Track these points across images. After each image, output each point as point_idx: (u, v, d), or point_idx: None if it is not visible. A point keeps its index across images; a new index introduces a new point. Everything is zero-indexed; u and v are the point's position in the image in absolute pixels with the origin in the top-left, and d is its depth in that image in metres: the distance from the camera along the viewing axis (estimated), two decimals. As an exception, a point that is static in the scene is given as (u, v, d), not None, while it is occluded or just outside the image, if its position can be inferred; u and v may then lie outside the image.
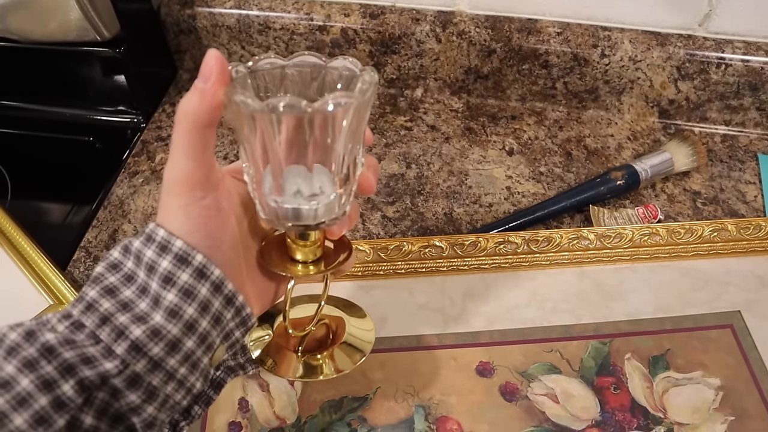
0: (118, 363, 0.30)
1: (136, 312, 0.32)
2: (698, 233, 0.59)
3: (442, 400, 0.50)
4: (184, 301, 0.32)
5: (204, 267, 0.33)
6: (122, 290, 0.33)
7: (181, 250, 0.32)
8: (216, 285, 0.33)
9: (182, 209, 0.33)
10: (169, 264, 0.32)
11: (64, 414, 0.29)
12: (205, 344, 0.33)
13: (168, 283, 0.32)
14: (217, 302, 0.34)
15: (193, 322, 0.32)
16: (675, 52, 0.69)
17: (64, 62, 0.73)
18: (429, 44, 0.72)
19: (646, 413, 0.49)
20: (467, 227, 0.63)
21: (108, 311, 0.31)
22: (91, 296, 0.32)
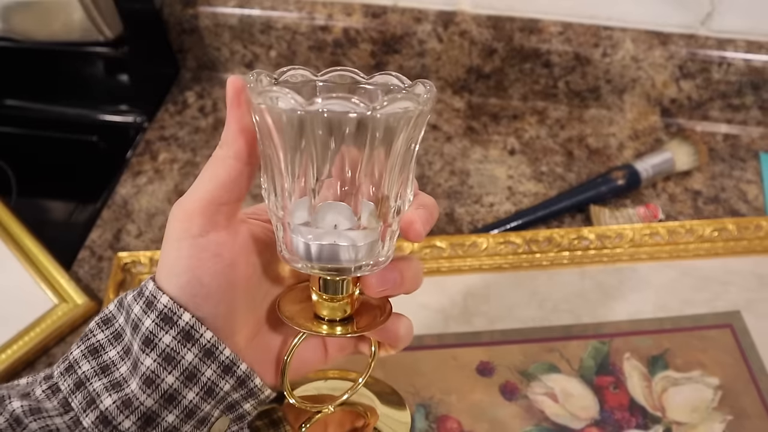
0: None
1: (115, 377, 0.29)
2: (699, 233, 0.59)
3: (443, 399, 0.50)
4: (163, 368, 0.28)
5: (192, 328, 0.28)
6: (107, 350, 0.29)
7: (165, 308, 0.28)
8: (207, 350, 0.29)
9: (174, 243, 0.29)
10: (152, 323, 0.28)
11: None
12: (195, 419, 0.29)
13: (148, 345, 0.28)
14: (208, 370, 0.29)
15: (173, 393, 0.28)
16: (677, 51, 0.69)
17: (67, 62, 0.73)
18: (431, 44, 0.72)
19: (645, 412, 0.49)
20: (468, 227, 0.63)
21: (85, 375, 0.29)
22: (74, 356, 0.29)
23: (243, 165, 0.29)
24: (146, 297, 0.29)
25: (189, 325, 0.28)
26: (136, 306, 0.29)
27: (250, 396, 0.31)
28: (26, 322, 0.55)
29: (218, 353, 0.29)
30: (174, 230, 0.29)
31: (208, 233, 0.29)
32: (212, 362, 0.29)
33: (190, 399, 0.29)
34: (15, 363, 0.53)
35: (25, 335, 0.55)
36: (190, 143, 0.72)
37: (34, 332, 0.55)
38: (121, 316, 0.30)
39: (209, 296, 0.29)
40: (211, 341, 0.29)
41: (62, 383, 0.29)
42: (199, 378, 0.29)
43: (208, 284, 0.29)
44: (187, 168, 0.69)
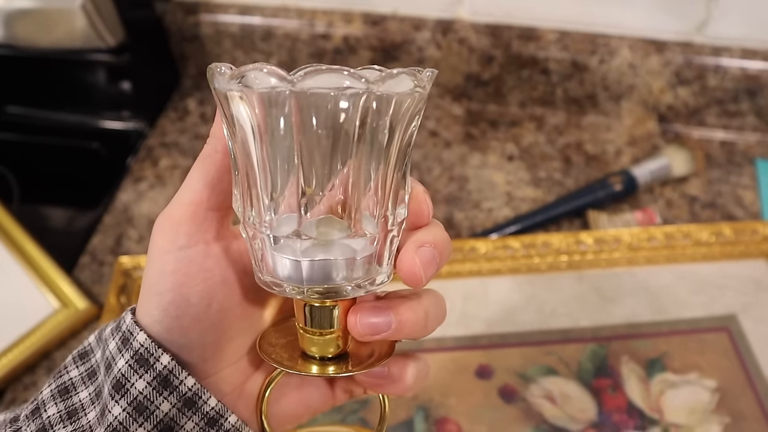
0: None
1: (81, 424, 0.25)
2: (696, 237, 0.59)
3: (442, 402, 0.50)
4: (133, 419, 0.24)
5: (170, 373, 0.24)
6: (79, 390, 0.26)
7: (142, 347, 0.24)
8: (188, 399, 0.25)
9: (158, 258, 0.25)
10: (125, 364, 0.24)
11: None
12: None
13: (119, 391, 0.24)
14: (188, 423, 0.25)
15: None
16: (673, 58, 0.70)
17: (69, 69, 0.74)
18: (430, 51, 0.73)
19: (643, 415, 0.50)
20: (467, 232, 0.64)
21: (50, 420, 0.25)
22: (43, 396, 0.26)
23: (226, 165, 0.26)
24: (123, 332, 0.25)
25: (167, 369, 0.24)
26: (112, 342, 0.25)
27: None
28: (27, 327, 0.56)
29: (201, 403, 0.25)
30: (158, 244, 0.25)
31: (197, 244, 0.25)
32: (194, 413, 0.25)
33: None
34: (16, 367, 0.54)
35: (27, 340, 0.55)
36: (190, 150, 0.72)
37: (35, 337, 0.55)
38: (99, 351, 0.26)
39: (197, 320, 0.25)
40: (193, 389, 0.25)
41: (26, 428, 0.25)
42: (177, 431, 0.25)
43: (196, 304, 0.25)
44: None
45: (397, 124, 0.23)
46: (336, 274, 0.24)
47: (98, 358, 0.26)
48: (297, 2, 0.74)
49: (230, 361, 0.27)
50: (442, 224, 0.28)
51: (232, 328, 0.27)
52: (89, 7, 0.65)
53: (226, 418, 0.26)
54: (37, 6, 0.66)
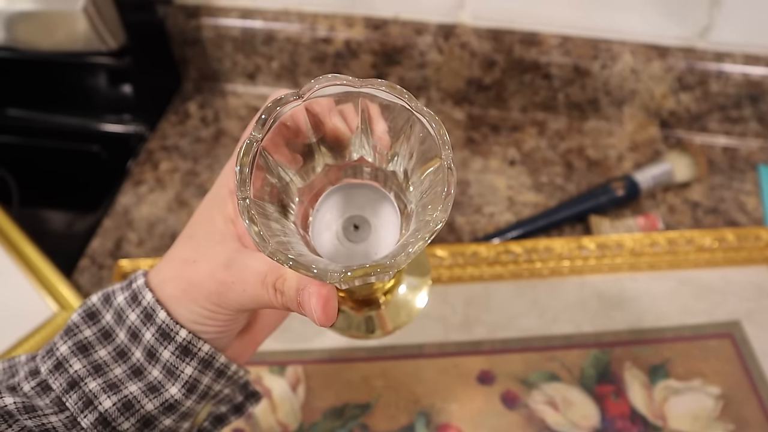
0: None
1: (110, 378, 0.29)
2: (698, 243, 0.59)
3: (444, 407, 0.50)
4: (167, 379, 0.29)
5: (189, 343, 0.29)
6: (97, 348, 0.29)
7: (164, 323, 0.29)
8: (205, 362, 0.30)
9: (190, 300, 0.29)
10: (152, 337, 0.29)
11: None
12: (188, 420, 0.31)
13: (152, 357, 0.29)
14: (206, 378, 0.30)
15: (175, 403, 0.29)
16: (675, 64, 0.69)
17: (70, 72, 0.73)
18: (431, 55, 0.73)
19: (646, 421, 0.49)
20: (469, 237, 0.63)
21: (78, 374, 0.28)
22: (61, 352, 0.29)
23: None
24: (144, 307, 0.29)
25: (186, 340, 0.29)
26: (132, 313, 0.29)
27: (232, 384, 0.33)
28: (27, 330, 0.55)
29: (214, 362, 0.30)
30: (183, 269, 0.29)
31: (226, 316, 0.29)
32: (209, 371, 0.30)
33: (187, 405, 0.30)
34: (15, 371, 0.53)
35: (25, 343, 0.54)
36: (191, 153, 0.72)
37: (34, 340, 0.55)
38: (108, 314, 0.30)
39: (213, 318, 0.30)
40: (209, 353, 0.29)
41: (53, 382, 0.28)
42: (198, 387, 0.30)
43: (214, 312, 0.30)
44: (188, 177, 0.70)
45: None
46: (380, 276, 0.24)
47: (109, 321, 0.30)
48: (298, 6, 0.74)
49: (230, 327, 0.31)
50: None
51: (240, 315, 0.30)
52: (91, 9, 0.65)
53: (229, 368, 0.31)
54: (39, 8, 0.66)
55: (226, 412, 0.35)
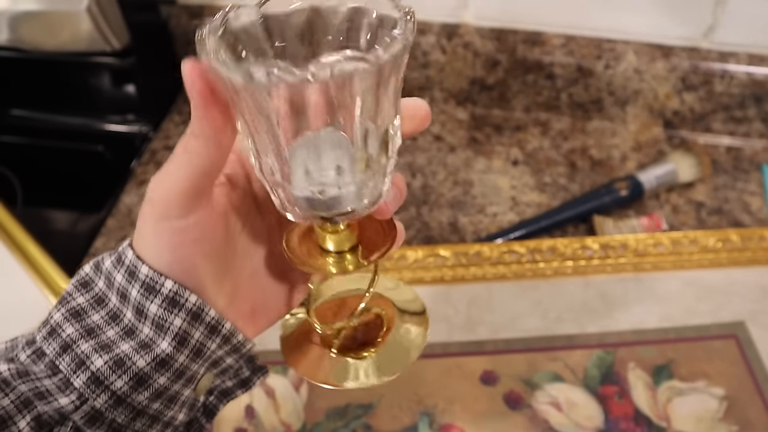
0: (74, 398, 0.27)
1: (102, 339, 0.28)
2: (703, 243, 0.59)
3: (447, 407, 0.50)
4: (158, 335, 0.28)
5: (176, 294, 0.28)
6: (90, 314, 0.29)
7: (147, 278, 0.28)
8: (194, 314, 0.29)
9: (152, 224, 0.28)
10: (138, 293, 0.28)
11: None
12: (184, 378, 0.30)
13: (141, 314, 0.29)
14: (197, 332, 0.29)
15: (166, 357, 0.28)
16: (679, 64, 0.69)
17: (74, 72, 0.74)
18: (435, 55, 0.73)
19: (650, 423, 0.49)
20: (472, 237, 0.63)
21: (70, 338, 0.28)
22: (55, 319, 0.29)
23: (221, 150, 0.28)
24: (127, 266, 0.29)
25: (173, 291, 0.28)
26: (118, 274, 0.29)
27: (233, 351, 0.32)
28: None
29: (204, 315, 0.29)
30: (152, 209, 0.28)
31: (188, 216, 0.28)
32: (200, 324, 0.29)
33: (180, 361, 0.29)
34: (18, 370, 0.53)
35: (29, 342, 0.55)
36: (195, 153, 0.72)
37: (38, 339, 0.55)
38: (100, 281, 0.30)
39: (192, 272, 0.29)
40: (197, 304, 0.29)
41: (47, 347, 0.28)
42: (189, 341, 0.29)
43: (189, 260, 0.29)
44: (191, 177, 0.70)
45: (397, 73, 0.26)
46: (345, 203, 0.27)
47: (101, 287, 0.30)
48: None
49: (226, 291, 0.31)
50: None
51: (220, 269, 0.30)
52: (95, 10, 0.65)
53: (223, 325, 0.30)
54: (43, 9, 0.66)
55: (232, 387, 0.34)
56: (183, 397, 0.30)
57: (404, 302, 0.37)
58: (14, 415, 0.26)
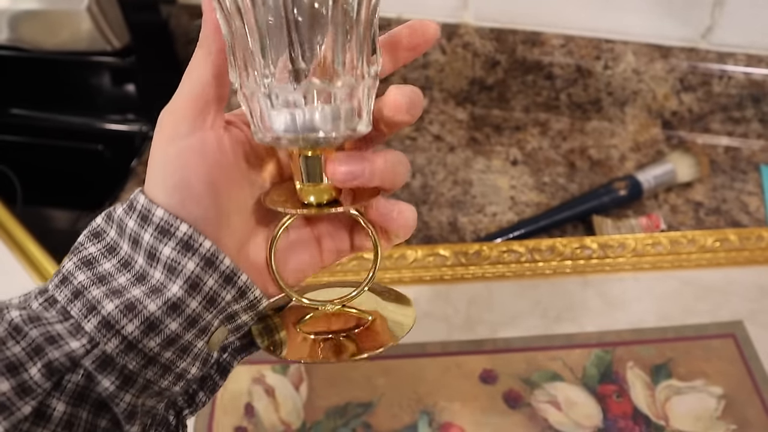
0: (85, 342, 0.27)
1: (113, 286, 0.28)
2: (700, 243, 0.59)
3: (446, 406, 0.50)
4: (169, 279, 0.28)
5: (190, 238, 0.28)
6: (102, 262, 0.29)
7: (162, 221, 0.28)
8: (207, 259, 0.29)
9: (161, 148, 0.29)
10: (150, 237, 0.28)
11: (29, 400, 0.26)
12: (197, 327, 0.29)
13: (153, 259, 0.28)
14: (210, 279, 0.29)
15: (177, 301, 0.28)
16: (678, 64, 0.70)
17: (74, 71, 0.74)
18: (434, 56, 0.73)
19: (649, 421, 0.49)
20: (471, 236, 0.63)
21: (82, 284, 0.28)
22: (67, 268, 0.29)
23: (224, 61, 0.29)
24: (139, 211, 0.29)
25: (187, 235, 0.28)
26: (130, 220, 0.29)
27: (249, 308, 0.31)
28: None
29: (218, 262, 0.29)
30: (161, 136, 0.29)
31: (195, 133, 0.29)
32: (213, 271, 0.29)
33: (193, 307, 0.29)
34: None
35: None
36: (194, 152, 0.72)
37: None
38: (112, 230, 0.30)
39: (199, 200, 0.29)
40: (211, 250, 0.28)
41: (58, 295, 0.28)
42: (202, 287, 0.29)
43: (196, 186, 0.29)
44: (191, 177, 0.70)
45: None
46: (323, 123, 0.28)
47: (113, 236, 0.30)
48: (302, 6, 0.74)
49: (228, 231, 0.30)
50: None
51: (227, 206, 0.30)
52: (95, 9, 0.65)
53: (238, 276, 0.30)
54: (43, 8, 0.66)
55: (246, 344, 0.34)
56: (196, 349, 0.30)
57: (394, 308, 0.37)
58: (25, 362, 0.26)
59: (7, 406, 0.25)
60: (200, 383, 0.33)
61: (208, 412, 0.51)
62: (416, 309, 0.50)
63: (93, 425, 0.28)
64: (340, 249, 0.35)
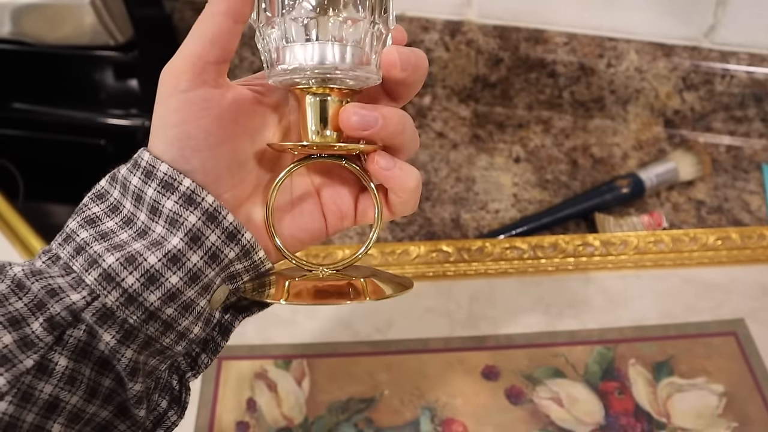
0: (86, 294, 0.27)
1: (115, 241, 0.28)
2: (702, 241, 0.59)
3: (448, 402, 0.50)
4: (170, 232, 0.28)
5: (193, 192, 0.28)
6: (105, 221, 0.29)
7: (166, 175, 0.28)
8: (210, 214, 0.29)
9: (163, 101, 0.29)
10: (154, 191, 0.28)
11: (31, 354, 0.26)
12: (198, 284, 0.29)
13: (155, 213, 0.29)
14: (212, 234, 0.29)
15: (177, 253, 0.28)
16: (680, 63, 0.70)
17: (77, 66, 0.74)
18: (438, 52, 0.73)
19: (650, 418, 0.49)
20: (474, 233, 0.64)
21: (84, 241, 0.28)
22: (70, 227, 0.29)
23: (232, 22, 0.29)
24: (143, 167, 0.29)
25: (190, 189, 0.28)
26: (134, 178, 0.29)
27: (252, 269, 0.31)
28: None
29: (221, 218, 0.29)
30: (163, 90, 0.29)
31: (196, 89, 0.29)
32: (216, 227, 0.29)
33: (194, 262, 0.28)
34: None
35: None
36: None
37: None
38: (116, 191, 0.30)
39: (197, 150, 0.29)
40: (213, 205, 0.29)
41: (61, 252, 0.29)
42: (204, 241, 0.29)
43: (195, 136, 0.29)
44: (194, 172, 0.70)
45: None
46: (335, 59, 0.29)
47: (116, 196, 0.30)
48: (305, 2, 0.74)
49: (227, 187, 0.30)
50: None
51: (225, 159, 0.30)
52: (98, 3, 0.65)
53: (242, 234, 0.30)
54: (46, 1, 0.66)
55: (249, 304, 0.34)
56: (198, 307, 0.30)
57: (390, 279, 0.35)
58: (27, 317, 0.26)
59: (9, 359, 0.26)
60: (202, 345, 0.33)
61: (210, 406, 0.51)
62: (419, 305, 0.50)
63: (96, 383, 0.29)
64: (343, 214, 0.34)
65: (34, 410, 0.27)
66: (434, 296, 0.56)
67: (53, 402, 0.27)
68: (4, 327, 0.26)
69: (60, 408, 0.27)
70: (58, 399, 0.27)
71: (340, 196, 0.34)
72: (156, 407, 0.32)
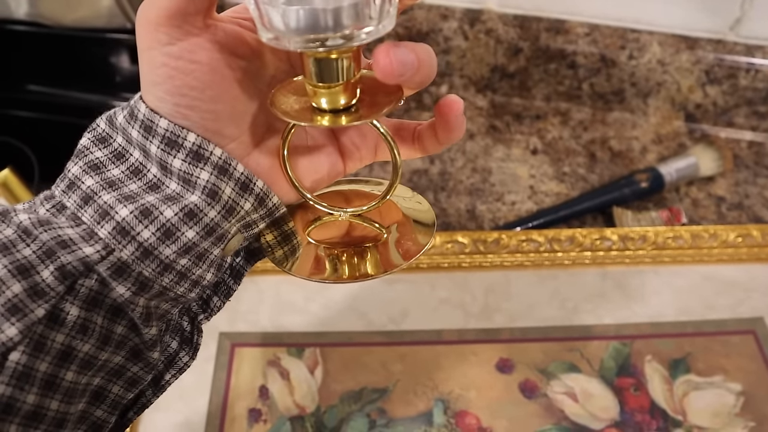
0: (100, 248, 0.26)
1: (124, 192, 0.27)
2: (722, 238, 0.59)
3: (462, 394, 0.50)
4: (186, 189, 0.27)
5: (200, 147, 0.27)
6: (109, 167, 0.28)
7: (167, 132, 0.27)
8: (221, 167, 0.27)
9: (146, 53, 0.26)
10: (158, 150, 0.27)
11: (42, 303, 0.25)
12: (214, 236, 0.28)
13: (165, 170, 0.27)
14: (227, 188, 0.28)
15: (194, 208, 0.27)
16: (704, 56, 0.68)
17: (93, 48, 0.73)
18: (456, 41, 0.72)
19: (666, 416, 0.49)
20: (489, 224, 0.63)
21: (91, 189, 0.27)
22: (73, 173, 0.28)
23: None
24: (141, 121, 0.27)
25: (196, 144, 0.27)
26: (133, 130, 0.27)
27: (268, 215, 0.30)
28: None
29: (232, 169, 0.28)
30: (142, 42, 0.26)
31: (179, 41, 0.26)
32: (228, 179, 0.28)
33: (212, 217, 0.28)
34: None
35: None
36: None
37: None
38: (119, 137, 0.28)
39: (192, 106, 0.27)
40: (222, 157, 0.27)
41: (67, 201, 0.27)
42: (221, 196, 0.28)
43: (188, 93, 0.27)
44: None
45: None
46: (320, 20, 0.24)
47: (121, 143, 0.28)
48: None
49: (231, 138, 0.29)
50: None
51: (229, 108, 0.28)
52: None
53: (254, 183, 0.29)
54: (64, -17, 0.66)
55: (260, 248, 0.33)
56: (212, 256, 0.29)
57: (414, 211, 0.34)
58: (37, 265, 0.25)
59: (20, 308, 0.25)
60: (214, 288, 0.32)
61: (223, 393, 0.51)
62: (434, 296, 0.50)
63: (109, 330, 0.28)
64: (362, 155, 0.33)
65: (47, 359, 0.26)
66: (449, 288, 0.56)
67: (66, 351, 0.26)
68: (13, 276, 0.25)
69: (72, 356, 0.27)
70: (71, 348, 0.27)
71: (358, 135, 0.32)
72: (167, 348, 0.31)
